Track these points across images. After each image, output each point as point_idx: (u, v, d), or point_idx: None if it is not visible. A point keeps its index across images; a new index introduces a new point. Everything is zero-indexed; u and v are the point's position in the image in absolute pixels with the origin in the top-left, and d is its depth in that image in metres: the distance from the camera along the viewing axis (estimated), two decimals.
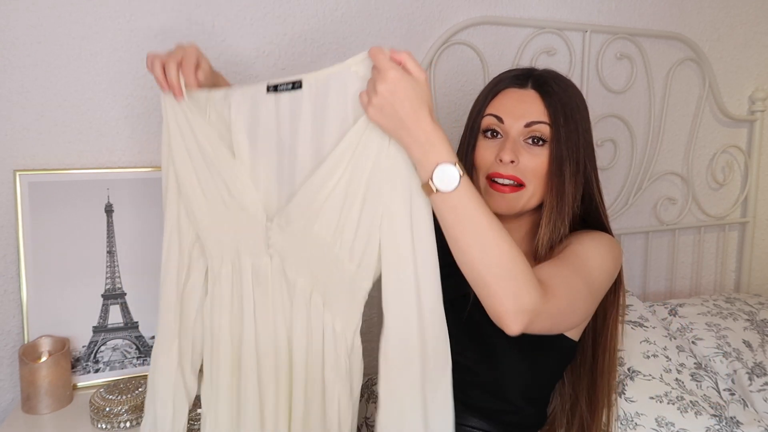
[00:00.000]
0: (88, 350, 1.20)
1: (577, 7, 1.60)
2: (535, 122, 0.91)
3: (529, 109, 0.92)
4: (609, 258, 0.92)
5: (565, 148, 0.91)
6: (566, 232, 0.92)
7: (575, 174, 0.92)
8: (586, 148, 0.94)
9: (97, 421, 1.03)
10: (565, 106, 0.92)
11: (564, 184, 0.91)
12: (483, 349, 0.93)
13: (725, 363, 1.36)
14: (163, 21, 1.24)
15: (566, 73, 1.57)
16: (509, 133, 0.92)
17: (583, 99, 0.99)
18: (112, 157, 1.24)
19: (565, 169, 0.91)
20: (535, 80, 0.95)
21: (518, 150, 0.91)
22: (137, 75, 1.24)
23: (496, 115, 0.94)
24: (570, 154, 0.91)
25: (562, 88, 0.94)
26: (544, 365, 0.94)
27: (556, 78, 0.97)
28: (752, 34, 1.84)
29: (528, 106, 0.92)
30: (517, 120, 0.92)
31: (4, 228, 1.18)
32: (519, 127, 0.92)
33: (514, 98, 0.94)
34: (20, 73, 1.16)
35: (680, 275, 1.88)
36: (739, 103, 1.87)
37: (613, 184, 1.73)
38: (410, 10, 1.43)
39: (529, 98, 0.93)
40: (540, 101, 0.92)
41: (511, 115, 0.93)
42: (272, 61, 1.33)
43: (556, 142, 0.91)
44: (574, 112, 0.93)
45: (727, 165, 1.88)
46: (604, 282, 0.91)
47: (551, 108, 0.91)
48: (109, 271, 1.22)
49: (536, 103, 0.92)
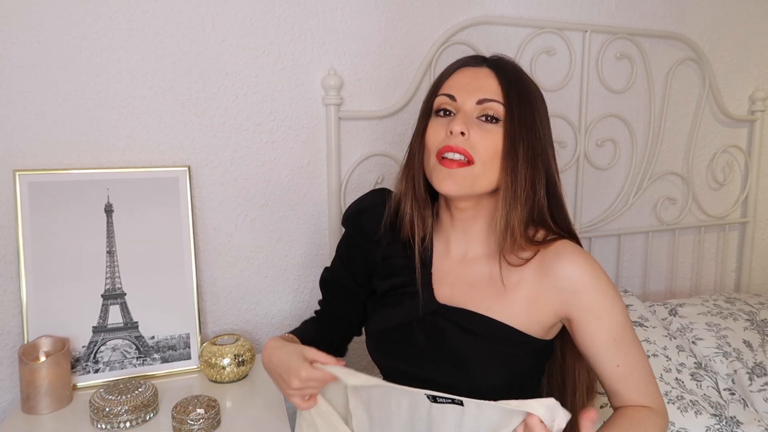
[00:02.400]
0: (88, 350, 1.20)
1: (577, 7, 1.60)
2: (487, 99, 0.88)
3: (482, 86, 0.89)
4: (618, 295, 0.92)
5: (519, 128, 0.87)
6: (522, 219, 0.88)
7: (532, 158, 0.88)
8: (545, 137, 0.91)
9: (97, 422, 1.03)
10: (519, 87, 0.89)
11: (518, 164, 0.87)
12: (456, 362, 0.91)
13: (725, 363, 1.36)
14: (162, 21, 1.24)
15: (566, 73, 1.59)
16: (461, 108, 0.90)
17: (541, 93, 0.95)
18: (112, 157, 1.24)
19: (519, 148, 0.87)
20: (491, 60, 0.93)
21: (470, 124, 0.88)
22: (137, 75, 1.24)
23: (448, 94, 0.91)
24: (524, 135, 0.88)
25: (518, 72, 0.92)
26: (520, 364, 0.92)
27: (513, 64, 0.94)
28: (752, 34, 1.84)
29: (481, 83, 0.90)
30: (470, 95, 0.89)
31: (4, 228, 1.18)
32: (471, 104, 0.89)
33: (467, 75, 0.92)
34: (20, 73, 1.16)
35: (680, 275, 1.88)
36: (739, 103, 1.87)
37: (613, 184, 1.73)
38: (410, 10, 1.43)
39: (482, 75, 0.91)
40: (494, 78, 0.90)
41: (463, 91, 0.90)
42: (272, 60, 1.33)
43: (510, 120, 0.87)
44: (530, 97, 0.90)
45: (727, 165, 1.88)
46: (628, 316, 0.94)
47: (505, 85, 0.89)
48: (109, 271, 1.22)
49: (489, 79, 0.90)
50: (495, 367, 0.90)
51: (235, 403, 1.13)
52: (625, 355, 0.90)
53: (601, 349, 0.90)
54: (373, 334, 1.01)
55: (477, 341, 0.90)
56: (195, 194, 1.31)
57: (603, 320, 0.89)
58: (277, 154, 1.37)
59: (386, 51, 1.42)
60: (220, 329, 1.37)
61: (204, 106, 1.29)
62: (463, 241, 0.97)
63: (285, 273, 1.42)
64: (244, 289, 1.39)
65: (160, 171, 1.26)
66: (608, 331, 0.90)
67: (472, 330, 0.91)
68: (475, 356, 0.90)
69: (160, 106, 1.26)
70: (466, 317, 0.92)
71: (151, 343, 1.24)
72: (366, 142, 1.43)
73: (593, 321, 0.89)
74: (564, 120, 1.60)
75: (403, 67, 1.44)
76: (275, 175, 1.38)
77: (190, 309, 1.27)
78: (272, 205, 1.39)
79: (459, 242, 0.98)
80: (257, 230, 1.38)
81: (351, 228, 1.07)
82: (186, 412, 1.01)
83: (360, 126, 1.42)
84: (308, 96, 1.37)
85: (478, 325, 0.91)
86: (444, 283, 0.97)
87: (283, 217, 1.40)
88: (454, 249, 0.98)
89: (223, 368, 1.19)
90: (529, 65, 1.53)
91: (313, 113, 1.39)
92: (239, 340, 1.24)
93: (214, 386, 1.20)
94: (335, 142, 1.38)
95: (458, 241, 0.98)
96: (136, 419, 1.04)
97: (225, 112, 1.31)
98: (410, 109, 1.46)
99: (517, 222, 0.89)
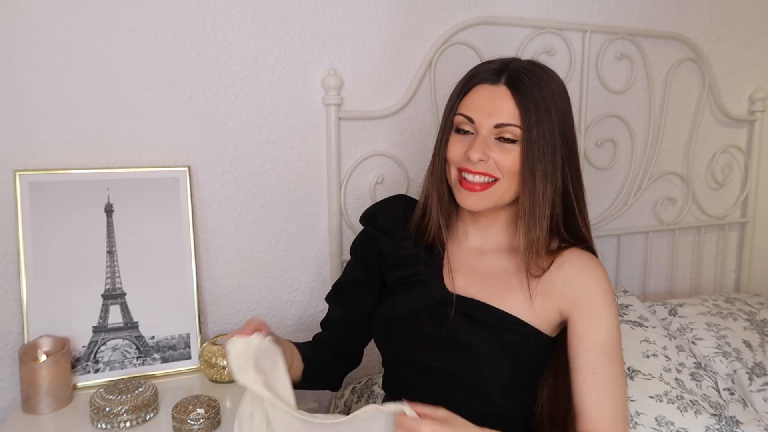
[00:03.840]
0: (88, 350, 1.20)
1: (577, 7, 1.60)
2: (504, 124, 0.89)
3: (499, 107, 0.90)
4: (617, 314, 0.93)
5: (537, 148, 0.89)
6: (543, 235, 0.91)
7: (550, 173, 0.90)
8: (564, 147, 0.92)
9: (97, 421, 1.03)
10: (537, 104, 0.89)
11: (536, 184, 0.89)
12: (462, 351, 0.92)
13: (725, 363, 1.36)
14: (162, 21, 1.24)
15: (566, 73, 1.59)
16: (479, 131, 0.91)
17: (564, 92, 0.95)
18: (112, 157, 1.24)
19: (537, 169, 0.89)
20: (509, 75, 0.92)
21: (488, 147, 0.90)
22: (137, 75, 1.24)
23: (466, 116, 0.92)
24: (542, 154, 0.89)
25: (536, 84, 0.91)
26: (525, 357, 0.93)
27: (532, 73, 0.93)
28: (752, 34, 1.84)
29: (497, 104, 0.90)
30: (487, 119, 0.90)
31: (4, 228, 1.18)
32: (489, 127, 0.90)
33: (485, 96, 0.92)
34: (20, 73, 1.16)
35: (680, 275, 1.88)
36: (738, 103, 1.87)
37: (613, 184, 1.73)
38: (410, 10, 1.43)
39: (499, 95, 0.91)
40: (511, 99, 0.90)
41: (480, 113, 0.91)
42: (272, 60, 1.33)
43: (527, 142, 0.88)
44: (549, 109, 0.90)
45: (727, 165, 1.88)
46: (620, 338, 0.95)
47: (522, 107, 0.89)
48: (109, 271, 1.22)
49: (506, 101, 0.90)
50: (501, 357, 0.91)
51: (235, 403, 1.13)
52: (605, 368, 0.90)
53: (586, 350, 0.91)
54: (381, 321, 1.02)
55: (484, 331, 0.92)
56: (195, 194, 1.31)
57: (598, 325, 0.91)
58: (277, 154, 1.37)
59: (386, 51, 1.42)
60: (220, 329, 1.37)
61: (204, 106, 1.30)
62: (481, 237, 1.00)
63: (285, 273, 1.42)
64: (244, 289, 1.39)
65: (160, 171, 1.26)
66: (599, 336, 0.91)
67: (480, 319, 0.93)
68: (482, 346, 0.91)
69: (160, 106, 1.26)
70: (475, 307, 0.94)
71: (151, 343, 1.24)
72: (366, 142, 1.43)
73: (588, 321, 0.91)
74: None
75: (403, 67, 1.44)
76: (275, 175, 1.38)
77: (190, 309, 1.27)
78: (272, 205, 1.39)
79: (477, 237, 1.01)
80: (257, 230, 1.38)
81: (366, 223, 1.09)
82: (186, 411, 1.01)
83: (360, 126, 1.42)
84: (308, 96, 1.37)
85: (487, 315, 0.93)
86: (459, 273, 0.99)
87: (283, 217, 1.40)
88: (472, 241, 1.01)
89: (223, 368, 1.19)
90: None
91: (313, 113, 1.39)
92: None
93: (214, 386, 1.20)
94: (335, 142, 1.38)
95: (476, 237, 1.01)
96: (137, 419, 1.04)
97: (225, 112, 1.31)
98: (410, 109, 1.46)
99: (541, 238, 0.91)
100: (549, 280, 0.93)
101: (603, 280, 0.94)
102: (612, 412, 0.89)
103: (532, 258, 0.92)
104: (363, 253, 1.09)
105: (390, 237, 1.05)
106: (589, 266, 0.94)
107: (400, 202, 1.08)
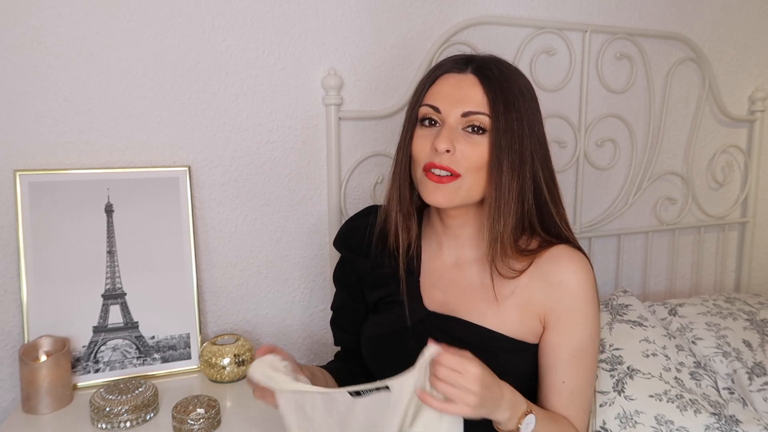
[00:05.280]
0: (88, 350, 1.20)
1: (577, 7, 1.60)
2: (472, 112, 0.86)
3: (467, 96, 0.86)
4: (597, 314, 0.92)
5: (505, 138, 0.85)
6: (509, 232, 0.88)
7: (518, 167, 0.86)
8: (533, 141, 0.88)
9: (97, 421, 1.03)
10: (506, 92, 0.86)
11: (502, 177, 0.85)
12: None
13: (725, 363, 1.36)
14: (162, 21, 1.24)
15: (566, 73, 1.59)
16: (446, 121, 0.87)
17: (532, 89, 0.92)
18: (112, 157, 1.24)
19: (504, 160, 0.85)
20: (476, 65, 0.90)
21: (456, 138, 0.86)
22: (137, 75, 1.24)
23: (432, 105, 0.89)
24: (510, 145, 0.85)
25: (504, 74, 0.88)
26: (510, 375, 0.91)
27: (499, 63, 0.91)
28: (752, 34, 1.84)
29: (465, 93, 0.87)
30: (454, 107, 0.86)
31: (4, 228, 1.18)
32: (456, 116, 0.87)
33: (451, 84, 0.89)
34: (20, 73, 1.16)
35: (680, 275, 1.88)
36: (739, 103, 1.87)
37: (613, 184, 1.73)
38: (410, 10, 1.43)
39: (466, 84, 0.88)
40: (479, 87, 0.87)
41: (447, 102, 0.87)
42: (272, 60, 1.33)
43: (495, 131, 0.85)
44: (518, 101, 0.87)
45: (727, 165, 1.88)
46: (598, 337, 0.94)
47: (491, 94, 0.86)
48: (109, 271, 1.22)
49: (474, 89, 0.87)
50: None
51: (235, 403, 1.13)
52: (575, 375, 0.90)
53: (556, 360, 0.91)
54: (366, 340, 1.02)
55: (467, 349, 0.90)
56: (195, 194, 1.31)
57: (572, 333, 0.90)
58: (277, 154, 1.37)
59: (386, 51, 1.42)
60: (220, 329, 1.37)
61: (204, 106, 1.30)
62: (455, 246, 0.97)
63: (285, 273, 1.42)
64: (244, 289, 1.39)
65: (160, 171, 1.26)
66: (571, 346, 0.90)
67: (460, 338, 0.90)
68: None
69: (160, 106, 1.26)
70: (454, 325, 0.92)
71: (151, 343, 1.24)
72: (366, 142, 1.43)
73: (562, 331, 0.90)
74: (564, 120, 1.60)
75: (403, 67, 1.44)
76: (275, 175, 1.38)
77: (190, 309, 1.27)
78: (272, 205, 1.39)
79: (451, 248, 0.98)
80: (257, 230, 1.38)
81: (340, 248, 1.08)
82: (186, 411, 1.01)
83: (360, 126, 1.42)
84: (308, 96, 1.37)
85: (467, 333, 0.91)
86: (437, 288, 0.97)
87: (283, 217, 1.40)
88: (447, 254, 0.98)
89: (223, 368, 1.19)
90: (528, 65, 1.53)
91: (313, 113, 1.39)
92: (239, 340, 1.24)
93: (214, 386, 1.20)
94: (335, 142, 1.38)
95: (450, 247, 0.98)
96: (137, 419, 1.05)
97: (225, 112, 1.31)
98: None
99: (506, 234, 0.88)
100: (527, 287, 0.91)
101: (583, 281, 0.90)
102: (576, 413, 0.92)
103: (497, 255, 0.89)
104: (344, 281, 1.08)
105: (365, 257, 1.03)
106: (570, 267, 0.90)
107: (370, 217, 1.05)
